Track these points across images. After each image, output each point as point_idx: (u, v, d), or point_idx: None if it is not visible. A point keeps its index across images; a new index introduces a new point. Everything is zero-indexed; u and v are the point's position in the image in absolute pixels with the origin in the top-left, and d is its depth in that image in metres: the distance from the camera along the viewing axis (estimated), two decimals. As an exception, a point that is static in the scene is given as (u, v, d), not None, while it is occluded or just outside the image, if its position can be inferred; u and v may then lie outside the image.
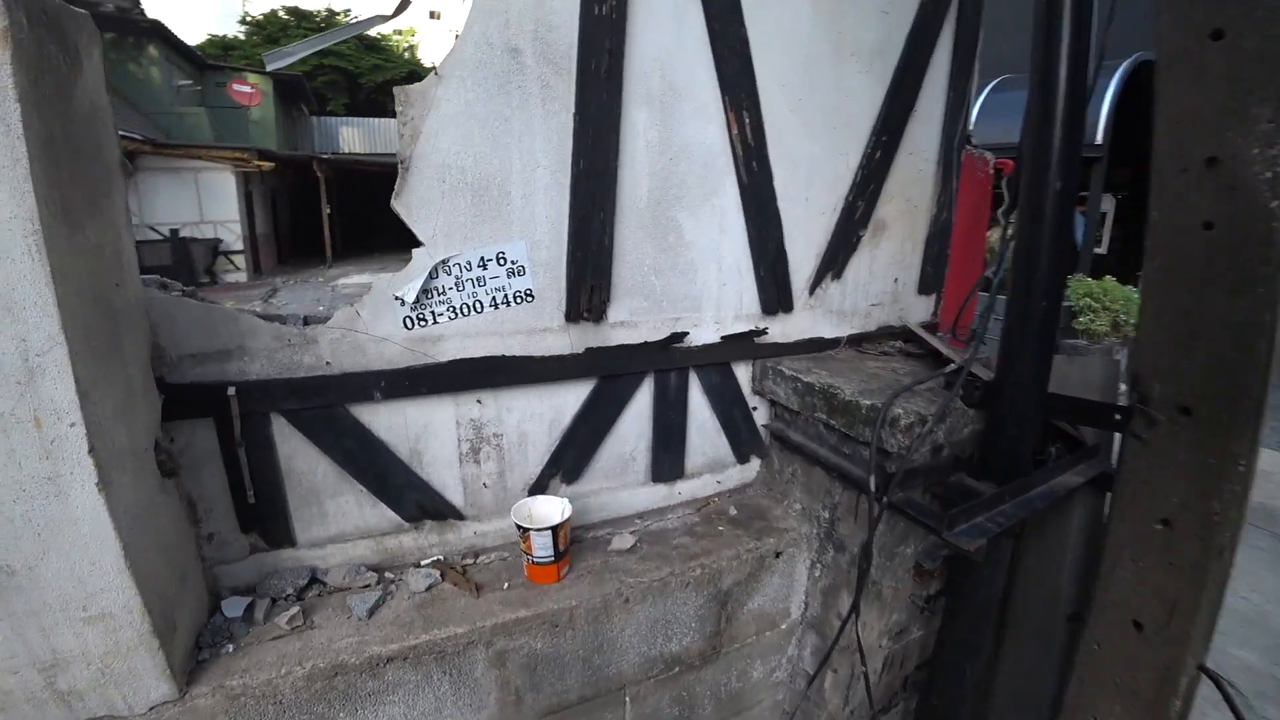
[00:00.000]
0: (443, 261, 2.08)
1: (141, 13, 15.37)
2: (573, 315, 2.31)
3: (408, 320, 2.09)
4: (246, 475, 2.03)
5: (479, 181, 2.06)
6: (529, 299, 2.23)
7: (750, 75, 2.40)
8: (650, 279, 2.43)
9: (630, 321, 2.44)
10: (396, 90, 1.90)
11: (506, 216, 2.13)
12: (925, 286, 3.21)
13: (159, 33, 16.05)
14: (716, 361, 2.68)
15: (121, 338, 1.63)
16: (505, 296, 2.20)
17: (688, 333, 2.54)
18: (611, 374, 2.47)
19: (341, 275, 15.36)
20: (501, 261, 2.16)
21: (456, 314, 2.15)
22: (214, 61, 19.97)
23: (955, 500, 2.28)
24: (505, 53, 2.00)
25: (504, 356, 2.25)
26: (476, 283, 2.14)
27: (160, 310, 1.82)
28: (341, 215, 19.24)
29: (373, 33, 29.04)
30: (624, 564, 2.42)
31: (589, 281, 2.29)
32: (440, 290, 2.10)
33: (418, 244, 2.05)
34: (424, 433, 2.25)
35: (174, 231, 13.64)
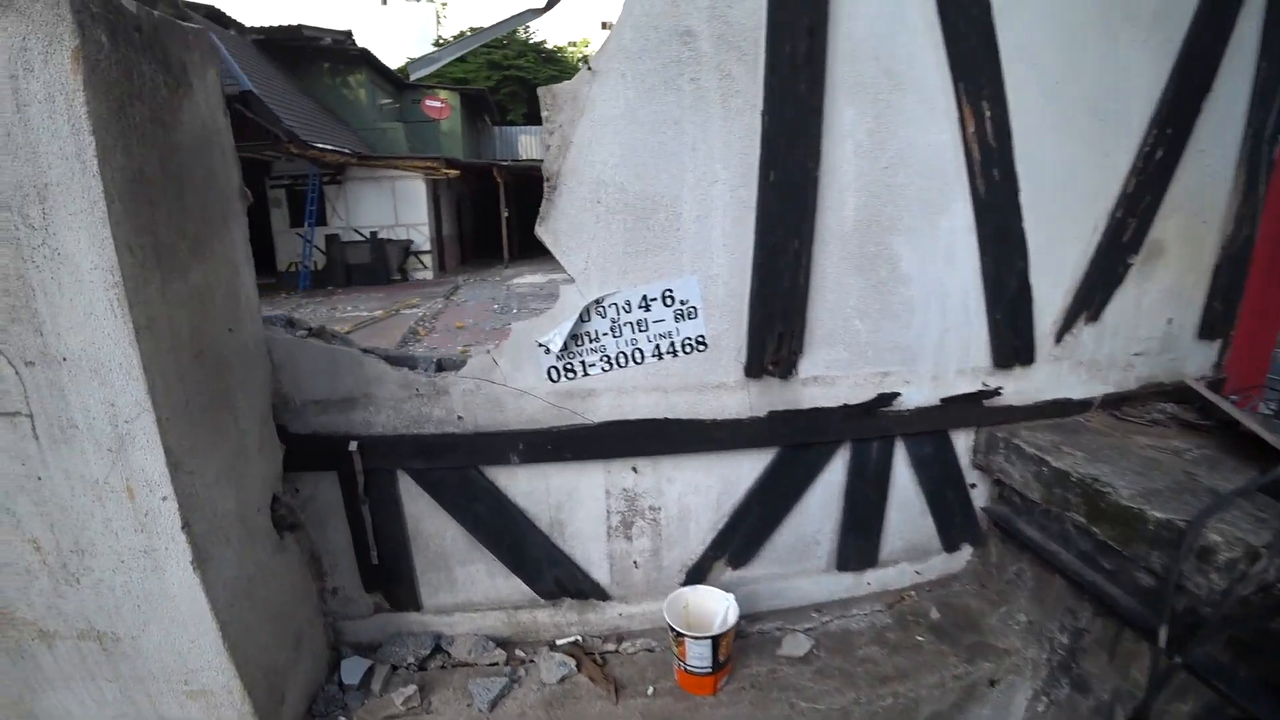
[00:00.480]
0: (596, 301, 1.71)
1: (353, 43, 17.15)
2: (754, 369, 1.84)
3: (553, 371, 1.75)
4: (370, 535, 1.82)
5: (642, 201, 1.67)
6: (700, 347, 1.80)
7: (992, 54, 1.79)
8: (853, 323, 1.89)
9: (826, 377, 1.92)
10: (541, 91, 1.53)
11: (675, 245, 1.71)
12: (1209, 329, 2.34)
13: (366, 59, 17.91)
14: (931, 429, 2.08)
15: (233, 389, 1.44)
16: (671, 344, 1.79)
17: (899, 393, 1.97)
18: (799, 443, 1.97)
19: (516, 275, 16.21)
20: (668, 301, 1.74)
21: (611, 364, 1.77)
22: (410, 81, 21.89)
23: (1266, 655, 1.59)
24: (674, 37, 1.58)
25: (667, 419, 1.85)
26: (636, 327, 1.75)
27: (284, 352, 1.63)
28: (519, 218, 20.29)
29: (549, 45, 30.50)
30: (796, 679, 1.93)
31: (778, 327, 1.81)
32: (592, 336, 1.74)
33: (568, 279, 1.70)
34: (567, 501, 1.91)
35: (373, 233, 15.26)
